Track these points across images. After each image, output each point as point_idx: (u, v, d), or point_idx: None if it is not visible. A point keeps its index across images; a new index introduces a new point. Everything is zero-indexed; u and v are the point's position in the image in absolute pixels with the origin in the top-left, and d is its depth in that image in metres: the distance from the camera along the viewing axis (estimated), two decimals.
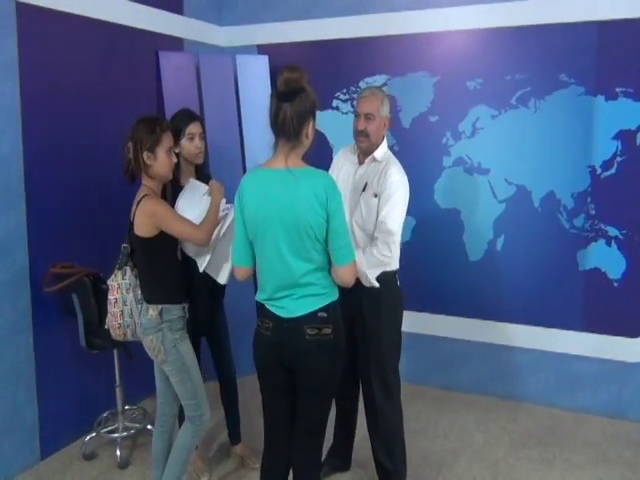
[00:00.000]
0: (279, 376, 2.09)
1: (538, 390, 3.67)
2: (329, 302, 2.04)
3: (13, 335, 2.90)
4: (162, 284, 2.39)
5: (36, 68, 2.96)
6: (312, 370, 2.03)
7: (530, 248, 3.57)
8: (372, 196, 2.54)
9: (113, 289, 2.48)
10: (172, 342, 2.37)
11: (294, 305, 2.02)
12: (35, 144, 2.97)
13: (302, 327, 2.00)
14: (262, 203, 1.97)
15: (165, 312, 2.37)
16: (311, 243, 1.97)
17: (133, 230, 2.36)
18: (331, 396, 2.13)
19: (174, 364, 2.39)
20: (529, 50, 3.46)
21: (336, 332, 2.04)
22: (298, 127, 1.96)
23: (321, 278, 2.03)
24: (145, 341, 2.41)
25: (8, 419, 2.90)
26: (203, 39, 4.13)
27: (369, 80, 3.87)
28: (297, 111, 1.94)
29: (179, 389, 2.43)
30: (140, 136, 2.33)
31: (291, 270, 1.99)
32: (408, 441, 2.80)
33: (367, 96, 2.58)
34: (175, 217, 2.35)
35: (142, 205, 2.32)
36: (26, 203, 2.94)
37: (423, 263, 3.81)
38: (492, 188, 3.64)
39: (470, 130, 3.66)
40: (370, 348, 2.62)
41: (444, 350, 3.87)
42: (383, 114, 2.57)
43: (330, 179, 2.01)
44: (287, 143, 1.98)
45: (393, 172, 2.54)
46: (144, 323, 2.39)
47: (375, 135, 2.57)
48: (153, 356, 2.42)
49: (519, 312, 3.64)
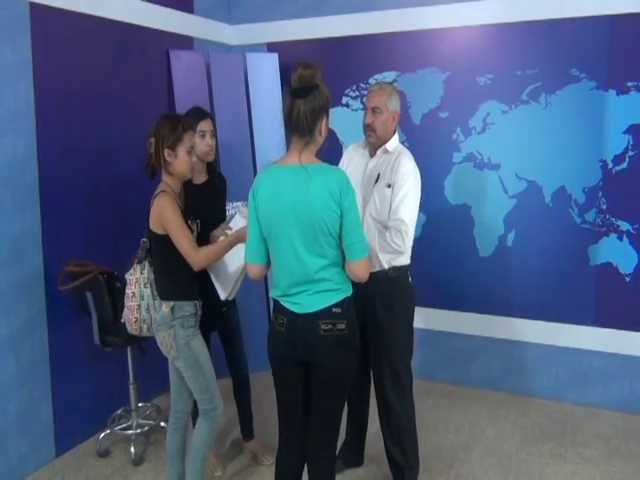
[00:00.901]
0: (293, 371, 2.11)
1: (549, 385, 3.67)
2: (343, 297, 2.05)
3: (28, 333, 2.93)
4: (175, 280, 2.41)
5: (49, 69, 2.98)
6: (326, 365, 2.05)
7: (541, 243, 3.56)
8: (386, 187, 2.55)
9: (131, 283, 2.49)
10: (184, 339, 2.39)
11: (309, 301, 2.03)
12: (49, 145, 2.99)
13: (317, 322, 2.01)
14: (276, 200, 1.99)
15: (177, 309, 2.39)
16: (325, 239, 1.98)
17: (148, 229, 2.40)
18: (345, 391, 2.14)
19: (186, 360, 2.41)
20: (540, 45, 3.45)
21: (350, 327, 2.06)
22: (312, 123, 1.97)
23: (335, 274, 2.05)
24: (158, 337, 2.44)
25: (24, 417, 2.93)
26: (213, 37, 4.15)
27: (378, 77, 3.87)
28: (311, 107, 1.96)
29: (192, 384, 2.46)
30: (162, 133, 2.35)
31: (305, 266, 2.00)
32: (420, 436, 2.82)
33: (375, 90, 2.61)
34: (179, 227, 2.33)
35: (156, 201, 2.35)
36: (40, 203, 2.97)
37: (434, 259, 3.81)
38: (503, 183, 3.63)
39: (480, 126, 3.64)
40: (382, 344, 2.63)
41: (455, 346, 3.87)
42: (391, 108, 2.58)
43: (344, 175, 2.02)
44: (301, 140, 2.00)
45: (405, 162, 2.55)
46: (157, 319, 2.42)
47: (382, 129, 2.58)
48: (166, 352, 2.44)
49: (530, 307, 3.63)
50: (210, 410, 2.49)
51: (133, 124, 3.47)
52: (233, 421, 3.24)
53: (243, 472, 3.00)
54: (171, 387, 2.58)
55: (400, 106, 2.65)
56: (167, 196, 2.35)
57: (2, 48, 2.75)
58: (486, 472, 2.95)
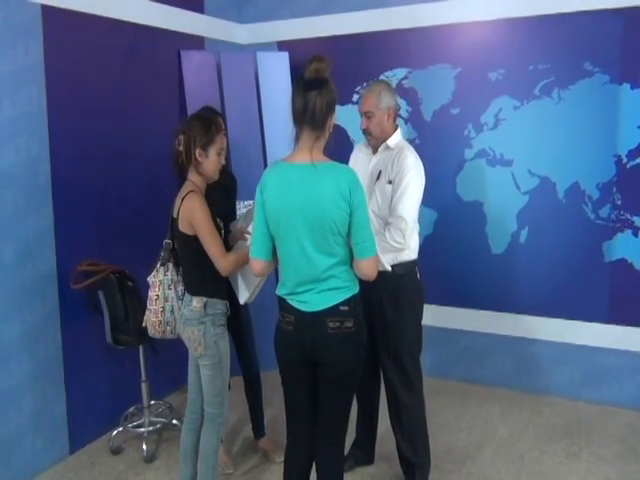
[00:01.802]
0: (301, 370, 2.10)
1: (563, 383, 3.63)
2: (351, 295, 2.04)
3: (42, 332, 2.96)
4: (207, 279, 2.38)
5: (61, 70, 3.00)
6: (334, 363, 2.04)
7: (555, 240, 3.53)
8: (386, 183, 2.55)
9: (155, 286, 2.47)
10: (213, 337, 2.38)
11: (316, 299, 2.02)
12: (61, 146, 3.01)
13: (324, 321, 2.01)
14: (284, 198, 1.98)
15: (210, 306, 2.38)
16: (334, 237, 1.97)
17: (176, 225, 2.36)
18: (353, 389, 2.14)
19: (212, 359, 2.39)
20: (552, 39, 3.41)
21: (358, 325, 2.05)
22: (325, 115, 1.97)
23: (343, 272, 2.04)
24: (186, 332, 2.40)
25: (38, 414, 2.96)
26: (224, 37, 4.15)
27: (389, 74, 3.86)
28: (325, 99, 1.96)
29: (208, 384, 2.43)
30: (195, 132, 2.34)
31: (314, 265, 1.99)
32: (432, 434, 2.80)
33: (364, 95, 2.62)
34: (210, 231, 2.32)
35: (187, 201, 2.32)
36: (53, 204, 2.99)
37: (445, 256, 3.79)
38: (515, 180, 3.60)
39: (492, 122, 3.62)
40: (390, 340, 2.62)
41: (468, 344, 3.84)
42: (383, 107, 2.57)
43: (353, 173, 2.01)
44: (312, 133, 1.98)
45: (406, 156, 2.54)
46: (186, 314, 2.39)
47: (379, 130, 2.59)
48: (192, 348, 2.41)
49: (543, 305, 3.60)
50: (217, 415, 2.47)
51: (145, 124, 3.50)
52: (244, 419, 3.25)
53: (254, 470, 3.01)
54: (189, 387, 2.56)
55: (394, 99, 2.63)
56: (198, 197, 2.33)
57: (15, 51, 2.78)
58: (498, 471, 2.93)
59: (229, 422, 3.36)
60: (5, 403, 2.81)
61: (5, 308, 2.78)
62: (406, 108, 3.84)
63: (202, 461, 2.48)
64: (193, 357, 2.49)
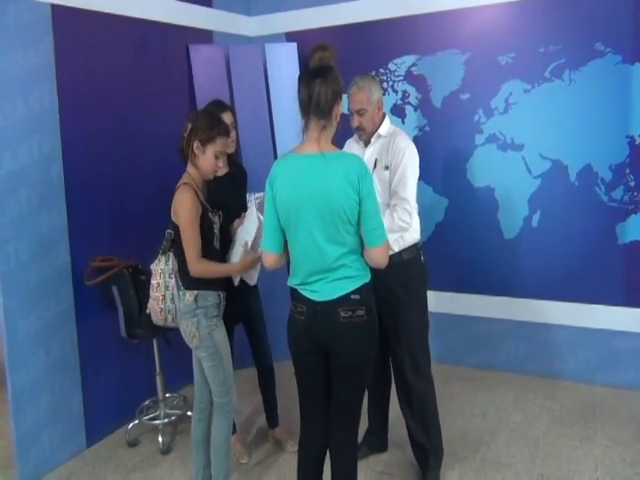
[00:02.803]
0: (314, 359, 2.11)
1: (577, 367, 3.60)
2: (362, 284, 2.04)
3: (58, 328, 3.00)
4: None
5: (72, 69, 3.03)
6: (346, 352, 2.04)
7: (567, 223, 3.49)
8: (384, 169, 2.57)
9: (156, 274, 2.51)
10: (207, 328, 2.41)
11: (327, 288, 2.03)
12: (73, 143, 3.04)
13: (336, 310, 2.01)
14: (294, 189, 1.98)
15: (200, 298, 2.41)
16: (344, 226, 1.98)
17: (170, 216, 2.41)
18: (365, 377, 2.14)
19: (208, 350, 2.43)
20: (562, 20, 3.35)
21: (370, 314, 2.05)
22: (331, 103, 1.96)
23: (354, 260, 2.04)
24: (181, 326, 2.46)
25: (55, 408, 3.01)
26: (232, 30, 4.15)
27: (398, 61, 3.84)
28: (330, 87, 1.96)
29: (211, 375, 2.48)
30: (198, 124, 2.37)
31: (325, 255, 2.00)
32: (445, 421, 2.81)
33: (354, 92, 2.57)
34: (190, 230, 2.34)
35: (178, 193, 2.37)
36: (66, 201, 3.02)
37: (457, 243, 3.77)
38: (527, 164, 3.56)
39: (503, 106, 3.58)
40: (399, 325, 2.63)
41: (481, 330, 3.83)
42: (374, 100, 2.57)
43: (362, 162, 2.00)
44: (319, 122, 1.98)
45: (399, 140, 2.57)
46: (181, 308, 2.45)
47: (371, 125, 2.60)
48: (188, 341, 2.46)
49: (557, 289, 3.56)
50: (225, 404, 2.50)
51: (155, 119, 3.52)
52: (258, 409, 3.28)
53: (268, 459, 3.04)
54: (194, 378, 2.61)
55: (380, 89, 2.63)
56: (189, 192, 2.35)
57: (26, 50, 2.81)
58: (513, 456, 2.92)
59: (243, 413, 3.40)
60: (23, 399, 2.85)
61: (22, 305, 2.83)
62: (416, 95, 3.82)
63: (214, 451, 2.52)
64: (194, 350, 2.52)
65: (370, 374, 2.17)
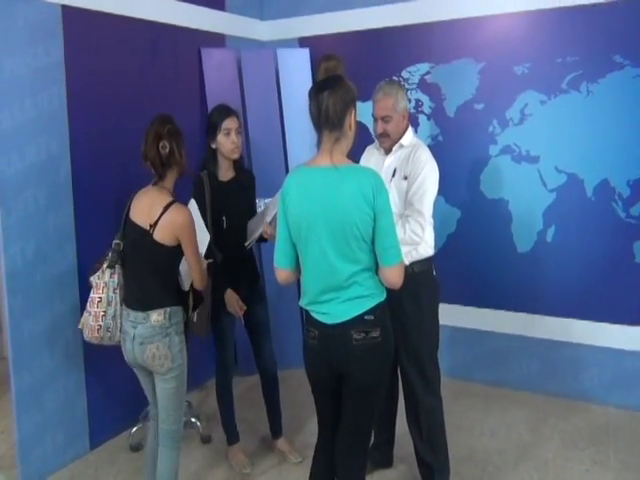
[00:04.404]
0: (329, 383, 2.06)
1: (591, 387, 3.50)
2: (376, 304, 1.98)
3: (62, 329, 2.96)
4: (169, 287, 2.34)
5: (81, 70, 3.01)
6: (360, 375, 1.98)
7: (583, 239, 3.41)
8: (402, 179, 2.53)
9: (98, 287, 2.35)
10: (178, 345, 2.31)
11: (339, 309, 1.96)
12: (81, 144, 3.02)
13: (348, 332, 1.94)
14: (305, 203, 1.93)
15: (173, 314, 2.30)
16: (357, 243, 1.91)
17: (144, 234, 2.26)
18: (378, 400, 2.08)
19: (178, 369, 2.31)
20: (580, 31, 3.29)
21: (385, 334, 1.98)
22: (341, 114, 1.91)
23: (367, 279, 1.97)
24: (148, 350, 2.27)
25: (59, 410, 2.97)
26: (245, 34, 4.13)
27: (412, 69, 3.79)
28: (339, 98, 1.90)
29: (171, 397, 2.34)
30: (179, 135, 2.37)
31: (336, 272, 1.93)
32: (453, 438, 2.74)
33: (380, 98, 2.53)
34: (197, 248, 2.31)
35: (174, 214, 2.24)
36: (74, 201, 3.00)
37: (469, 255, 3.70)
38: (542, 177, 3.49)
39: (518, 117, 3.51)
40: (409, 340, 2.58)
41: (492, 345, 3.74)
42: (400, 109, 2.53)
43: (377, 176, 1.94)
44: (331, 135, 1.94)
45: (421, 152, 2.53)
46: (144, 332, 2.27)
47: (395, 132, 2.56)
48: (156, 366, 2.29)
49: (571, 306, 3.48)
50: (177, 431, 2.39)
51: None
52: (262, 418, 3.19)
53: (272, 470, 2.98)
54: (150, 402, 2.50)
55: (407, 99, 2.60)
56: (187, 210, 2.29)
57: (36, 51, 2.80)
58: (521, 478, 2.84)
59: (247, 420, 3.35)
60: (27, 400, 2.83)
61: (27, 305, 2.81)
62: (429, 104, 3.77)
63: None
64: (147, 375, 2.40)
65: (382, 395, 2.11)
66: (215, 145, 2.77)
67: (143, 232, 2.27)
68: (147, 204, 2.29)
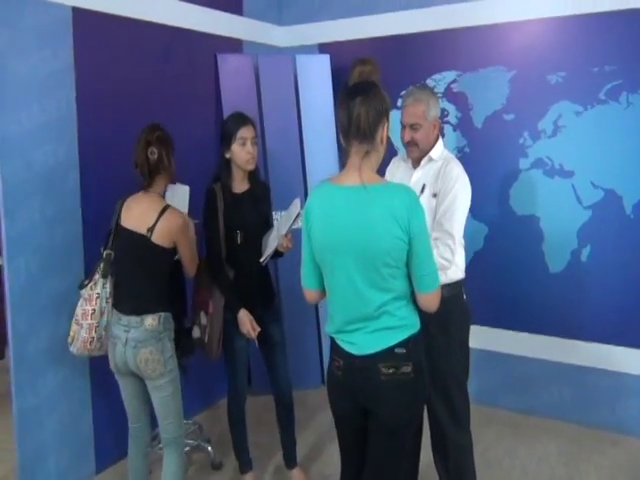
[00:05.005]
0: (354, 418, 1.88)
1: (631, 419, 3.27)
2: (408, 335, 1.79)
3: (68, 346, 2.75)
4: (164, 292, 2.38)
5: (92, 74, 2.91)
6: (388, 414, 1.79)
7: (621, 260, 3.21)
8: (431, 196, 2.36)
9: (91, 299, 2.35)
10: (170, 351, 2.35)
11: (367, 340, 1.78)
12: (91, 152, 2.91)
13: (376, 366, 1.76)
14: (330, 226, 1.76)
15: (166, 320, 2.35)
16: (389, 271, 1.73)
17: (141, 238, 2.30)
18: (407, 441, 1.89)
19: (170, 375, 2.34)
20: (619, 38, 3.11)
21: (418, 370, 1.80)
22: (374, 125, 1.73)
23: (400, 307, 1.79)
24: (140, 355, 2.29)
25: (63, 431, 2.85)
26: (263, 40, 4.02)
27: (437, 77, 3.64)
28: (373, 106, 1.72)
29: (168, 404, 2.36)
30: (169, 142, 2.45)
31: (366, 302, 1.76)
32: (481, 473, 2.56)
33: (410, 104, 2.36)
34: (194, 248, 2.46)
35: (171, 217, 2.32)
36: (82, 212, 2.89)
37: (497, 274, 3.52)
38: (576, 193, 3.30)
39: (551, 129, 3.33)
40: (438, 371, 2.38)
41: (521, 370, 3.54)
42: (431, 117, 2.36)
43: (411, 194, 1.75)
44: (361, 147, 1.75)
45: (452, 168, 2.36)
46: (138, 336, 2.29)
47: (425, 142, 2.38)
48: (148, 371, 2.31)
49: (607, 331, 3.27)
50: (179, 438, 2.42)
51: (179, 130, 3.28)
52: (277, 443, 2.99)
53: None
54: (133, 415, 2.49)
55: (439, 108, 2.44)
56: (182, 214, 2.41)
57: (44, 54, 2.70)
58: None
59: (260, 444, 3.17)
60: (30, 421, 2.72)
61: (31, 322, 2.70)
62: (455, 114, 3.61)
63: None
64: (133, 383, 2.41)
65: (413, 434, 1.92)
66: (229, 155, 2.64)
67: (140, 237, 2.31)
68: (140, 210, 2.35)
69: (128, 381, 2.41)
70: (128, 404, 2.47)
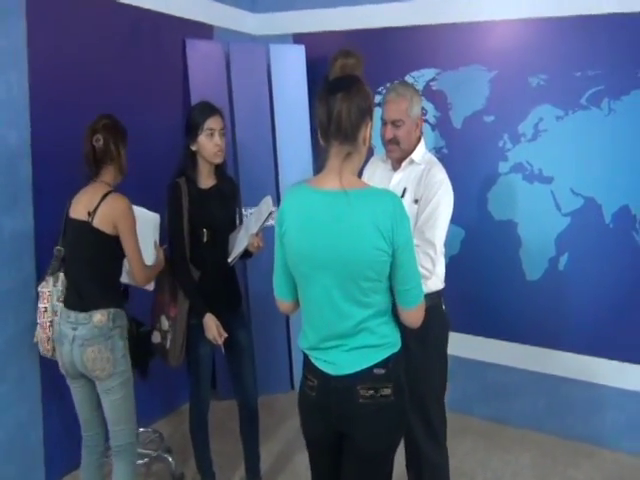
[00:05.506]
0: (328, 441, 1.74)
1: (604, 432, 3.24)
2: (389, 354, 1.65)
3: (16, 349, 2.66)
4: (112, 286, 2.29)
5: (47, 56, 2.72)
6: (366, 439, 1.65)
7: (599, 269, 3.15)
8: (412, 202, 2.23)
9: (43, 297, 2.31)
10: (122, 350, 2.24)
11: (344, 359, 1.64)
12: (45, 139, 2.71)
13: (354, 388, 1.62)
14: (306, 234, 1.60)
15: (117, 316, 2.24)
16: (370, 284, 1.58)
17: (83, 225, 2.21)
18: (387, 467, 1.74)
19: (122, 376, 2.24)
20: (603, 42, 3.04)
21: (398, 392, 1.66)
22: (356, 124, 1.57)
23: (381, 324, 1.65)
24: (88, 353, 2.17)
25: (10, 442, 2.67)
26: (235, 27, 3.85)
27: (416, 74, 3.52)
28: (355, 104, 1.56)
29: (120, 408, 2.25)
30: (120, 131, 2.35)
31: (344, 318, 1.61)
32: None
33: (392, 99, 2.23)
34: (137, 239, 2.25)
35: (113, 201, 2.21)
36: (34, 204, 2.70)
37: (473, 280, 3.44)
38: (555, 199, 3.23)
39: (531, 132, 3.25)
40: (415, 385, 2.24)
41: (496, 378, 3.48)
42: (414, 115, 2.24)
43: (396, 201, 1.60)
44: (342, 148, 1.59)
45: (435, 172, 2.24)
46: (85, 333, 2.18)
47: (407, 141, 2.25)
48: (96, 371, 2.19)
49: (583, 341, 3.22)
50: (133, 445, 2.33)
51: (143, 118, 3.19)
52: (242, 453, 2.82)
53: None
54: (85, 422, 2.36)
55: (422, 106, 2.34)
56: (126, 199, 2.24)
57: None
58: None
59: (225, 453, 3.01)
60: None
61: None
62: (434, 113, 3.50)
63: None
64: (84, 387, 2.30)
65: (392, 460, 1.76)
66: (195, 147, 2.47)
67: (82, 223, 2.23)
68: (85, 199, 2.25)
69: (79, 384, 2.30)
70: (80, 410, 2.35)
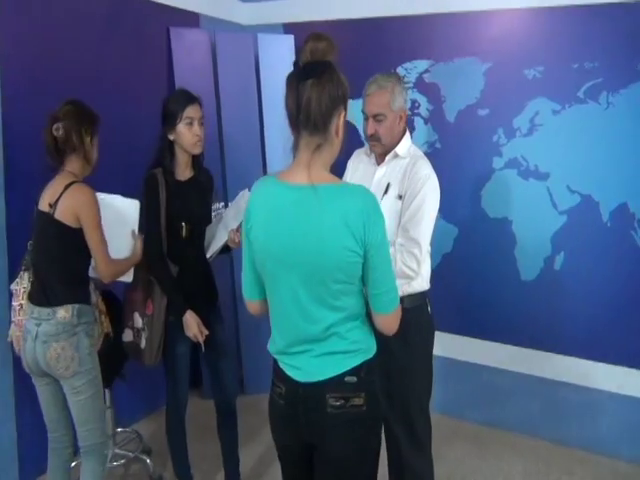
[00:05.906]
0: (299, 451, 1.63)
1: (599, 437, 3.14)
2: (362, 361, 1.54)
3: None
4: (78, 281, 2.22)
5: (20, 41, 2.61)
6: (336, 451, 1.55)
7: (596, 269, 3.06)
8: (396, 198, 2.15)
9: (18, 294, 2.28)
10: (88, 348, 2.18)
11: (313, 365, 1.53)
12: (17, 127, 2.62)
13: (323, 396, 1.52)
14: (273, 231, 1.49)
15: (83, 312, 2.17)
16: (340, 287, 1.48)
17: (47, 217, 2.13)
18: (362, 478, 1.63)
19: (88, 375, 2.18)
20: (601, 34, 2.94)
21: (371, 402, 1.55)
22: (327, 114, 1.46)
23: (352, 329, 1.54)
24: (51, 351, 2.11)
25: None
26: (222, 15, 3.74)
27: (408, 65, 3.42)
28: (327, 91, 1.45)
29: (87, 408, 2.19)
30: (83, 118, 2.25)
31: (312, 321, 1.50)
32: None
33: (373, 92, 2.14)
34: (101, 231, 2.17)
35: (75, 191, 2.13)
36: (5, 199, 2.62)
37: (466, 279, 3.35)
38: (551, 196, 3.13)
39: (527, 127, 3.15)
40: (397, 390, 2.20)
41: (488, 381, 3.38)
42: (396, 108, 2.14)
43: (369, 198, 1.48)
44: (311, 139, 1.48)
45: (420, 167, 2.14)
46: (48, 330, 2.12)
47: (389, 136, 2.16)
48: (60, 369, 2.13)
49: (580, 344, 3.13)
50: (102, 445, 2.27)
51: (124, 109, 3.10)
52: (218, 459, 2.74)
53: None
54: (51, 423, 2.30)
55: (406, 99, 2.22)
56: (89, 189, 2.17)
57: None
58: None
59: (205, 456, 2.92)
60: None
61: None
62: (427, 106, 3.40)
63: None
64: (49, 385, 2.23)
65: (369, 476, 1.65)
66: (173, 137, 2.39)
67: (44, 215, 2.16)
68: (50, 190, 2.18)
69: (43, 383, 2.23)
70: (45, 410, 2.29)
